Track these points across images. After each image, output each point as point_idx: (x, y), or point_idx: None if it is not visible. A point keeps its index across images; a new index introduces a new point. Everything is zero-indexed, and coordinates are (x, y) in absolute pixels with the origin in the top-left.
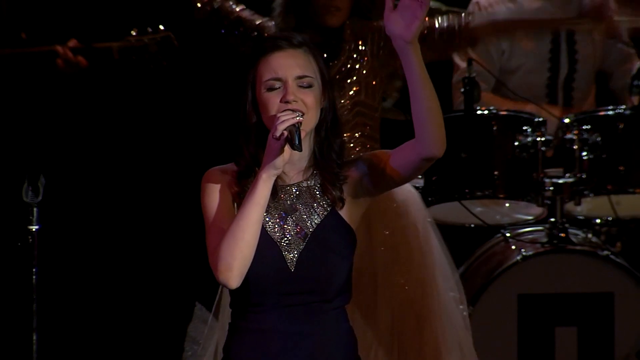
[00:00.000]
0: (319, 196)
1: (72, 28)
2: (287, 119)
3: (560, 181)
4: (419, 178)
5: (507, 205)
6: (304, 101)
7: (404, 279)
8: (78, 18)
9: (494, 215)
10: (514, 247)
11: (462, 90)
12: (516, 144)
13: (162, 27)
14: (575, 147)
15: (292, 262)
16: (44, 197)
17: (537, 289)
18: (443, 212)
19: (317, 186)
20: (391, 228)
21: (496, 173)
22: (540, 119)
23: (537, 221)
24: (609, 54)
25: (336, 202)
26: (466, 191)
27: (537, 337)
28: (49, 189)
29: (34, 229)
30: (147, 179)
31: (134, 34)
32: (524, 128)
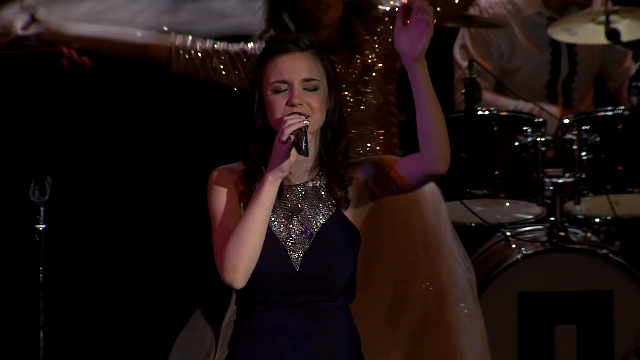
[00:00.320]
0: (324, 196)
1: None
2: (294, 122)
3: (560, 181)
4: None
5: (507, 204)
6: (310, 104)
7: (428, 283)
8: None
9: (494, 214)
10: (514, 246)
11: (462, 91)
12: (516, 144)
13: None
14: (575, 147)
15: (297, 261)
16: (51, 196)
17: (537, 287)
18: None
19: (322, 186)
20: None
21: (496, 173)
22: (540, 120)
23: (537, 220)
24: (607, 55)
25: (341, 203)
26: (467, 190)
27: (537, 334)
28: (55, 188)
29: (40, 228)
30: (152, 178)
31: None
32: (524, 128)
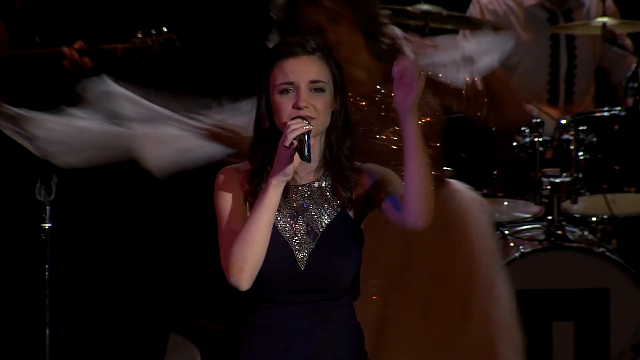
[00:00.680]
0: (329, 197)
1: (78, 30)
2: (297, 127)
3: (558, 180)
4: None
5: (505, 203)
6: (315, 106)
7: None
8: (84, 20)
9: (493, 213)
10: (512, 244)
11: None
12: (515, 144)
13: (165, 29)
14: (572, 147)
15: (302, 261)
16: (57, 195)
17: (534, 284)
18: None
19: (328, 187)
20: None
21: (495, 172)
22: (537, 120)
23: (534, 219)
24: (608, 50)
25: (346, 203)
26: None
27: (535, 331)
28: (61, 188)
29: (46, 227)
30: (156, 179)
31: (139, 35)
32: (522, 129)
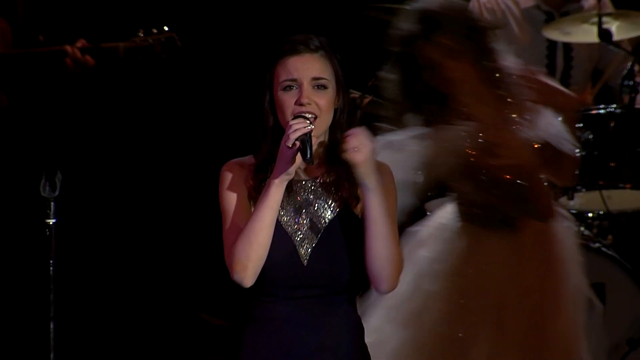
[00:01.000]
0: (333, 192)
1: (80, 29)
2: (299, 127)
3: None
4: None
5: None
6: (318, 103)
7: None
8: (86, 20)
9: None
10: None
11: None
12: None
13: (166, 28)
14: None
15: (305, 256)
16: (61, 192)
17: None
18: (442, 206)
19: (332, 182)
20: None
21: None
22: None
23: None
24: (605, 54)
25: (350, 199)
26: None
27: None
28: (65, 184)
29: (51, 223)
30: (160, 173)
31: (141, 35)
32: None
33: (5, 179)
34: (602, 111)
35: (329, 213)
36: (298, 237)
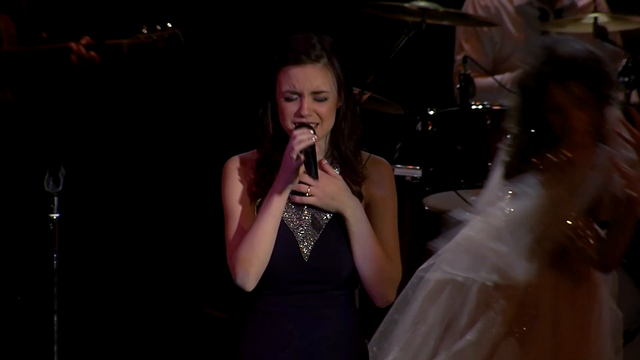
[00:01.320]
0: None
1: (84, 26)
2: (303, 139)
3: None
4: (416, 169)
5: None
6: (318, 112)
7: None
8: (90, 17)
9: None
10: None
11: (457, 87)
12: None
13: (169, 25)
14: None
15: (306, 252)
16: (64, 187)
17: None
18: (440, 201)
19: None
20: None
21: (490, 164)
22: None
23: None
24: (600, 50)
25: (354, 194)
26: (461, 181)
27: None
28: (68, 179)
29: (54, 217)
30: (161, 169)
31: (144, 31)
32: None
33: (10, 174)
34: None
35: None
36: (300, 233)
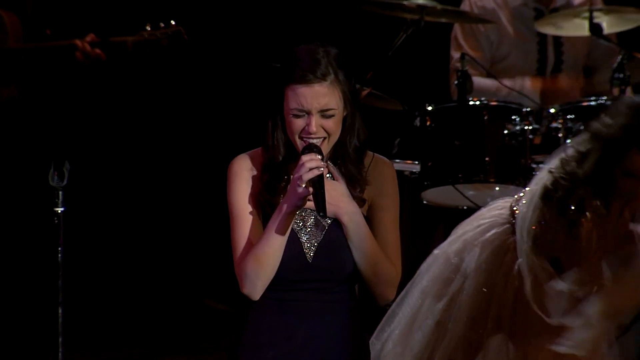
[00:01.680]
0: None
1: (89, 24)
2: (312, 167)
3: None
4: (415, 164)
5: (497, 189)
6: (325, 127)
7: None
8: (95, 14)
9: (485, 198)
10: None
11: (455, 83)
12: (506, 132)
13: (173, 23)
14: (561, 135)
15: (309, 252)
16: (69, 181)
17: None
18: (438, 195)
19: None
20: None
21: (487, 159)
22: (528, 109)
23: None
24: (595, 48)
25: (354, 198)
26: (459, 176)
27: None
28: (73, 173)
29: (59, 211)
30: (164, 164)
31: (148, 29)
32: (513, 117)
33: (16, 168)
34: (593, 103)
35: None
36: (303, 234)
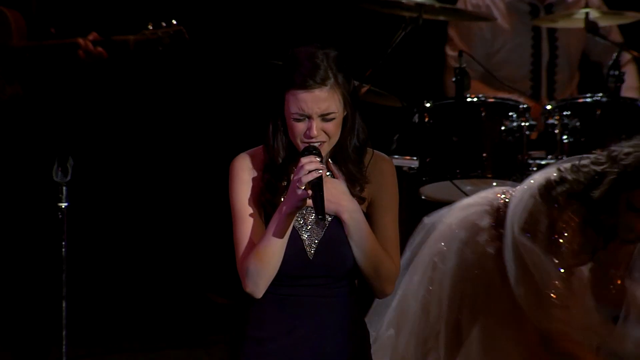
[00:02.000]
0: None
1: (92, 22)
2: (311, 169)
3: (543, 162)
4: (413, 159)
5: (494, 184)
6: (326, 130)
7: None
8: (98, 13)
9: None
10: None
11: (453, 80)
12: (503, 128)
13: (174, 22)
14: (557, 131)
15: (310, 249)
16: (72, 177)
17: None
18: (436, 190)
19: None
20: None
21: (484, 155)
22: (524, 106)
23: None
24: (593, 46)
25: (354, 197)
26: (457, 171)
27: None
28: (76, 169)
29: (63, 206)
30: (165, 160)
31: (150, 28)
32: (510, 114)
33: (20, 164)
34: (588, 99)
35: None
36: (304, 231)
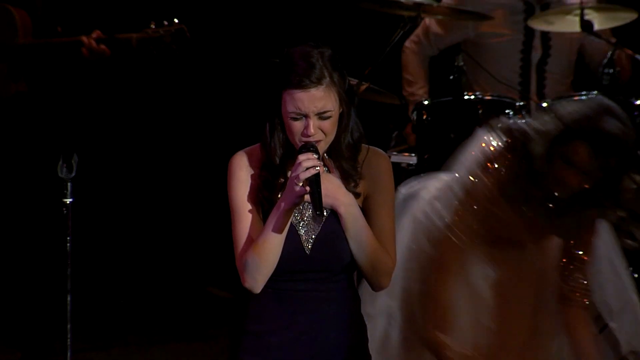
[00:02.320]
0: None
1: (96, 21)
2: (308, 166)
3: None
4: (412, 156)
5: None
6: (323, 128)
7: None
8: (102, 12)
9: None
10: None
11: (450, 78)
12: None
13: (176, 20)
14: None
15: (307, 244)
16: (77, 173)
17: None
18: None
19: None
20: None
21: None
22: (521, 103)
23: None
24: (589, 45)
25: (353, 194)
26: None
27: None
28: (81, 166)
29: (68, 202)
30: (167, 156)
31: (152, 26)
32: (506, 111)
33: (26, 161)
34: (584, 97)
35: None
36: (302, 226)
